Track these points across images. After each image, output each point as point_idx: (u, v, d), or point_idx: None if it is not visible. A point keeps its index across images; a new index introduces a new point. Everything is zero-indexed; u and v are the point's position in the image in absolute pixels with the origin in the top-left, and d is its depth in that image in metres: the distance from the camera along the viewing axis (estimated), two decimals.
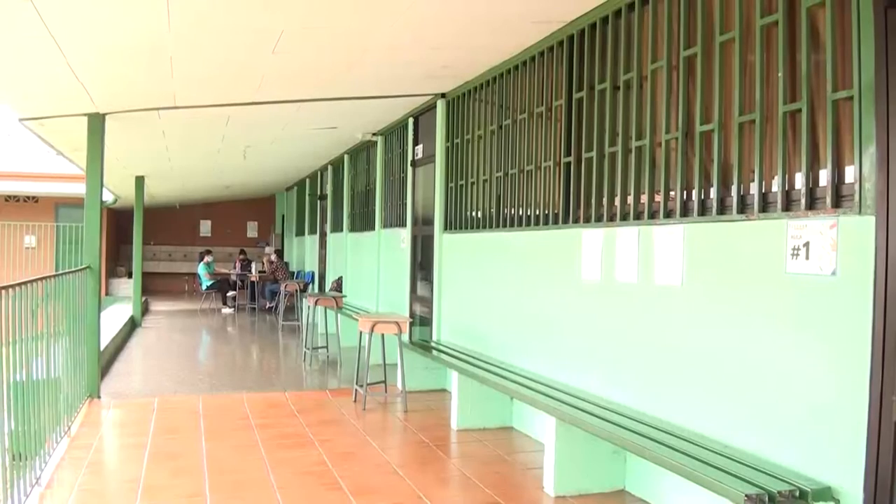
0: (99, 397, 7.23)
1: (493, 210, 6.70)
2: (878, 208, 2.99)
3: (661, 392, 4.32)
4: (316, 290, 15.54)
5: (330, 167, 14.44)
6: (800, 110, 3.45)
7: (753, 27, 3.74)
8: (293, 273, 18.30)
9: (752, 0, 3.75)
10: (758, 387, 3.61)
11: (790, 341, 3.44)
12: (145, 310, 16.08)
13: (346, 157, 12.86)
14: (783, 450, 3.44)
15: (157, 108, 7.78)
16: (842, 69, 3.25)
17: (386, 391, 7.49)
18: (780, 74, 3.56)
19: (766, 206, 3.66)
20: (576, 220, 5.32)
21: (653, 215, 4.48)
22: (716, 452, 3.63)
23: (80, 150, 8.04)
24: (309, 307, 10.10)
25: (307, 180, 17.37)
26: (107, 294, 19.31)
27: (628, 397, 4.61)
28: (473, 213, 7.20)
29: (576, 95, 5.36)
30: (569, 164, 5.43)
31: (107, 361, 9.13)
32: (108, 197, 16.11)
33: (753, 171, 3.72)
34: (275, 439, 5.81)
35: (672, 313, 4.25)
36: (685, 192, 4.22)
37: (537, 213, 5.92)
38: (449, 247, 7.78)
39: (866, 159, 3.06)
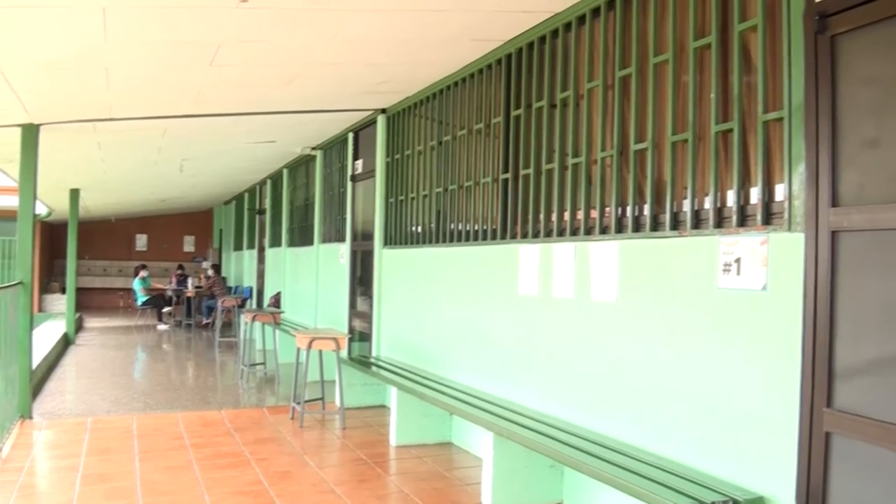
0: (31, 418, 6.92)
1: (433, 225, 6.67)
2: (808, 225, 3.05)
3: (598, 405, 4.32)
4: (254, 306, 15.25)
5: (269, 181, 14.23)
6: (732, 130, 3.50)
7: (687, 49, 3.79)
8: (231, 288, 17.93)
9: (685, 23, 3.81)
10: (692, 399, 3.63)
11: (723, 354, 3.47)
12: (79, 326, 15.53)
13: (285, 171, 12.69)
14: (717, 461, 3.46)
15: (93, 120, 7.52)
16: (773, 91, 3.31)
17: (324, 408, 7.34)
18: (712, 95, 3.61)
19: (698, 222, 3.70)
20: (513, 236, 5.32)
21: (589, 231, 4.49)
22: (651, 465, 3.63)
23: (13, 161, 7.75)
24: (246, 323, 9.89)
25: (246, 194, 17.08)
26: (39, 310, 18.64)
27: (566, 411, 4.60)
28: (413, 229, 7.15)
29: (514, 113, 5.37)
30: (507, 180, 5.43)
31: (39, 380, 8.76)
32: (41, 210, 15.56)
33: (686, 189, 3.76)
34: (210, 459, 5.63)
35: (608, 328, 4.26)
36: (620, 209, 4.25)
37: (476, 228, 5.90)
38: (388, 262, 7.71)
39: (796, 178, 3.11)
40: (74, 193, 13.70)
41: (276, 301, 12.55)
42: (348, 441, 6.31)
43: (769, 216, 3.30)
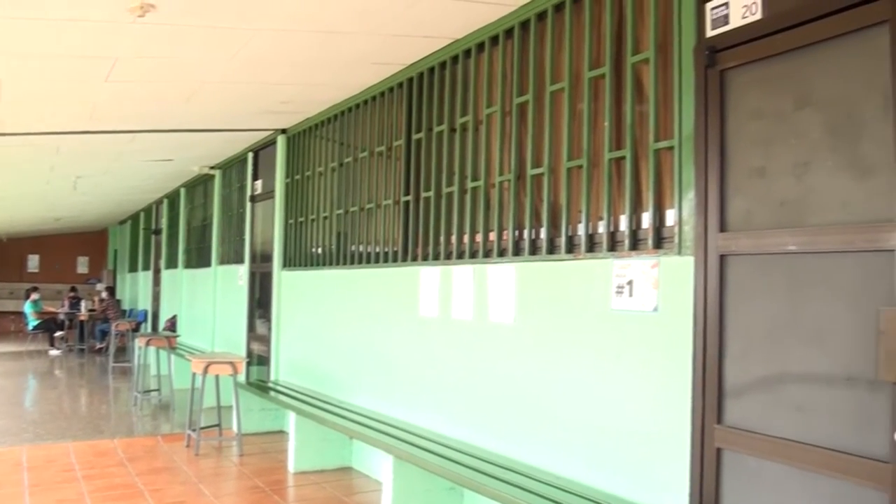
0: None
1: (334, 247, 6.53)
2: (697, 249, 3.11)
3: (497, 426, 4.29)
4: (149, 330, 14.61)
5: (166, 200, 13.70)
6: (624, 157, 3.55)
7: (582, 78, 3.83)
8: (125, 312, 17.13)
9: (581, 53, 3.86)
10: (588, 418, 3.64)
11: (618, 374, 3.49)
12: None
13: (182, 190, 12.25)
14: (614, 478, 3.46)
15: None
16: (664, 121, 3.38)
17: (221, 435, 7.02)
18: (606, 123, 3.66)
19: (592, 246, 3.73)
20: (414, 258, 5.25)
21: (487, 254, 4.48)
22: (549, 484, 3.61)
23: None
24: (140, 348, 9.44)
25: (142, 214, 16.40)
26: None
27: (465, 433, 4.54)
28: (314, 250, 6.99)
29: (415, 136, 5.33)
30: (408, 202, 5.37)
31: None
32: None
33: (581, 213, 3.79)
34: (102, 491, 5.28)
35: (506, 349, 4.24)
36: (517, 232, 4.26)
37: (377, 250, 5.81)
38: (288, 284, 7.50)
39: (686, 204, 3.18)
40: None
41: (172, 324, 12.04)
42: (245, 468, 6.05)
43: (660, 240, 3.36)
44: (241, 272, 8.83)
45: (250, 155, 8.73)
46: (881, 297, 2.45)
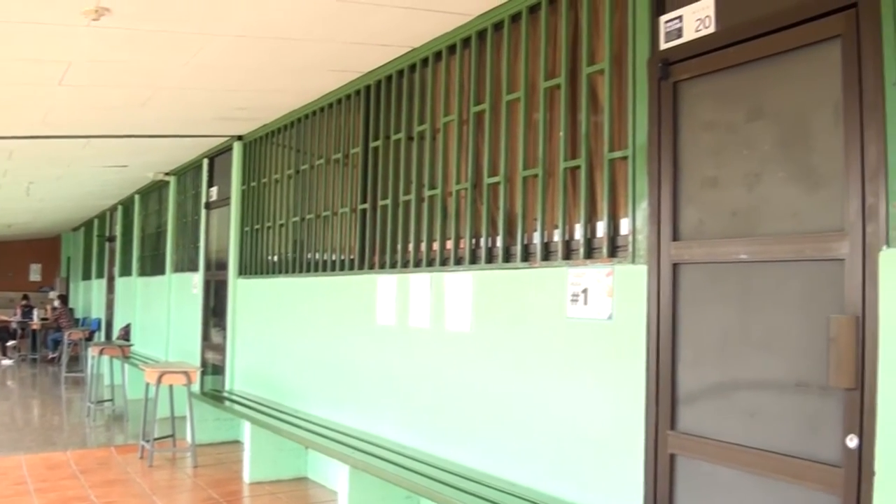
0: None
1: (291, 255, 6.43)
2: (650, 258, 3.11)
3: (454, 435, 4.24)
4: (102, 339, 14.25)
5: (120, 207, 13.38)
6: (579, 167, 3.55)
7: (538, 88, 3.82)
8: (78, 320, 16.70)
9: (536, 64, 3.85)
10: (544, 425, 3.61)
11: (573, 381, 3.47)
12: None
13: (136, 196, 11.97)
14: (569, 485, 3.44)
15: None
16: (618, 131, 3.38)
17: (175, 446, 6.84)
18: (561, 133, 3.65)
19: (548, 254, 3.72)
20: (371, 266, 5.19)
21: (444, 262, 4.44)
22: (505, 492, 3.58)
23: None
24: (94, 357, 9.19)
25: (95, 220, 16.00)
26: None
27: (422, 441, 4.48)
28: (270, 258, 6.87)
29: (372, 144, 5.27)
30: (365, 210, 5.30)
31: None
32: None
33: (536, 222, 3.78)
34: None
35: (463, 357, 4.20)
36: (474, 240, 4.22)
37: (334, 258, 5.73)
38: (244, 292, 7.36)
39: (639, 213, 3.18)
40: None
41: (126, 333, 11.76)
42: (200, 480, 5.90)
43: (614, 249, 3.36)
44: (196, 280, 8.65)
45: (205, 161, 8.56)
46: (831, 305, 2.46)
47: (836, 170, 2.48)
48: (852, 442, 2.37)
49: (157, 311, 10.20)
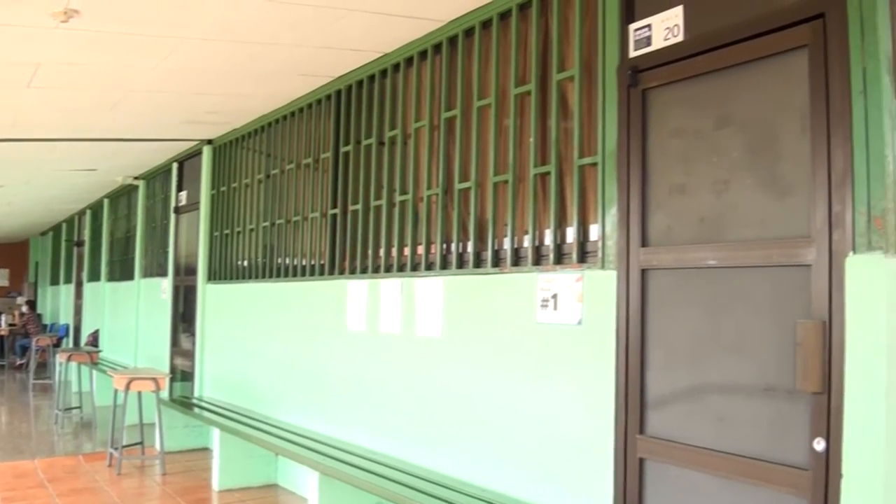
0: None
1: (260, 260, 6.34)
2: (619, 264, 3.10)
3: (425, 441, 4.19)
4: (70, 345, 13.98)
5: (89, 211, 13.14)
6: (549, 173, 3.53)
7: (509, 95, 3.80)
8: (46, 326, 16.36)
9: (507, 70, 3.83)
10: (514, 431, 3.58)
11: (543, 387, 3.44)
12: None
13: (105, 200, 11.75)
14: (540, 489, 3.41)
15: None
16: (588, 138, 3.37)
17: (143, 453, 6.70)
18: (532, 139, 3.64)
19: (518, 260, 3.70)
20: (342, 272, 5.13)
21: (415, 267, 4.40)
22: (476, 497, 3.55)
23: None
24: (61, 364, 9.00)
25: (64, 224, 15.70)
26: None
27: (394, 447, 4.43)
28: (239, 263, 6.77)
29: (343, 149, 5.21)
30: (335, 215, 5.24)
31: None
32: None
33: (507, 227, 3.76)
34: None
35: (433, 362, 4.16)
36: (445, 246, 4.19)
37: (304, 263, 5.66)
38: (213, 297, 7.25)
39: (609, 219, 3.17)
40: None
41: (94, 339, 11.52)
42: (168, 488, 5.78)
43: (584, 255, 3.35)
44: (165, 285, 8.51)
45: (175, 165, 8.43)
46: (798, 310, 2.47)
47: (804, 177, 2.49)
48: (819, 445, 2.38)
49: (126, 317, 10.02)
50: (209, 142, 7.41)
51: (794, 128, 2.54)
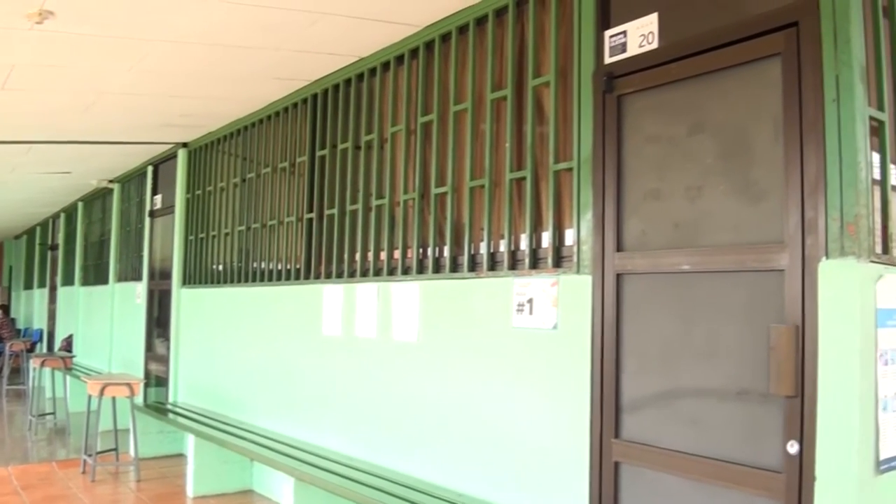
0: None
1: (236, 264, 6.26)
2: (594, 268, 3.09)
3: (401, 446, 4.15)
4: (44, 350, 13.73)
5: (63, 215, 12.92)
6: (525, 178, 3.52)
7: (485, 100, 3.79)
8: (19, 331, 16.07)
9: (483, 75, 3.81)
10: (491, 435, 3.55)
11: (520, 391, 3.42)
12: None
13: (80, 204, 11.56)
14: (516, 494, 3.38)
15: None
16: (563, 143, 3.36)
17: (118, 460, 6.58)
18: (508, 144, 3.62)
19: (494, 264, 3.67)
20: (318, 276, 5.07)
21: (391, 272, 4.36)
22: (452, 502, 3.52)
23: None
24: (35, 369, 8.84)
25: (38, 228, 15.43)
26: None
27: (370, 453, 4.38)
28: (215, 267, 6.68)
29: (319, 153, 5.16)
30: (311, 219, 5.19)
31: None
32: None
33: (483, 232, 3.74)
34: None
35: (409, 367, 4.12)
36: (421, 250, 4.16)
37: (280, 267, 5.59)
38: (188, 302, 7.14)
39: (584, 224, 3.15)
40: None
41: (68, 344, 11.32)
42: (143, 494, 5.68)
43: (559, 259, 3.33)
44: (140, 290, 8.37)
45: (150, 168, 8.30)
46: (771, 315, 2.47)
47: (777, 183, 2.49)
48: (793, 448, 2.38)
49: (100, 322, 9.86)
50: (184, 145, 7.31)
51: (767, 134, 2.55)
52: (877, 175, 2.43)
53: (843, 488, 2.26)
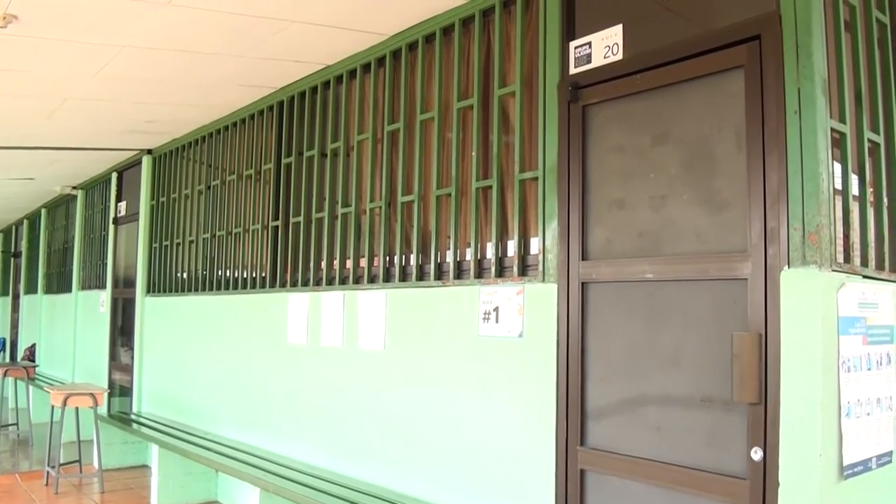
0: None
1: (201, 272, 6.13)
2: (560, 277, 3.06)
3: (367, 455, 4.07)
4: (6, 359, 13.37)
5: (26, 221, 12.60)
6: (491, 187, 3.49)
7: (451, 109, 3.75)
8: None
9: (450, 84, 3.78)
10: (458, 444, 3.50)
11: (486, 399, 3.38)
12: None
13: (43, 211, 11.29)
14: (481, 501, 3.34)
15: None
16: (529, 152, 3.34)
17: (81, 471, 6.40)
18: (474, 153, 3.59)
19: (460, 273, 3.64)
20: (283, 284, 4.98)
21: (357, 280, 4.29)
22: None
23: None
24: None
25: (0, 235, 15.08)
26: None
27: (336, 462, 4.30)
28: (179, 276, 6.54)
29: (285, 160, 5.07)
30: (277, 227, 5.10)
31: None
32: None
33: (450, 240, 3.69)
34: None
35: (376, 376, 4.05)
36: (388, 259, 4.10)
37: (245, 276, 5.48)
38: (152, 310, 6.98)
39: (549, 233, 3.13)
40: None
41: (31, 354, 11.03)
42: None
43: (525, 268, 3.31)
44: (103, 298, 8.17)
45: (114, 175, 8.11)
46: (734, 323, 2.46)
47: (740, 194, 2.49)
48: (757, 454, 2.37)
49: (64, 331, 9.61)
50: (149, 151, 7.16)
51: (730, 145, 2.55)
52: (838, 185, 2.45)
53: (807, 494, 2.25)
